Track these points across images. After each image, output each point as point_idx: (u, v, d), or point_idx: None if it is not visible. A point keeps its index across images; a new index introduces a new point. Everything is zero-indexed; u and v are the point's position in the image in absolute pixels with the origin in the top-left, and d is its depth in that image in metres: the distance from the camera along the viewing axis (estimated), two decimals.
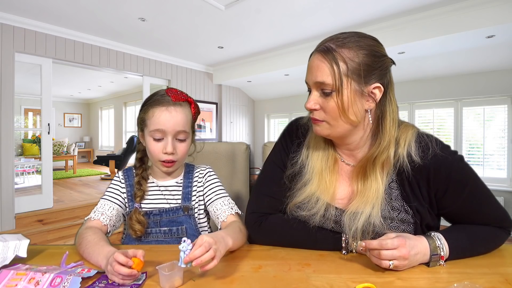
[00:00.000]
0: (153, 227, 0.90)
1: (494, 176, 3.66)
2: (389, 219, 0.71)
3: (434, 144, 0.70)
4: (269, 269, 0.66)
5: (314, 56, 0.70)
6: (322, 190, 0.76)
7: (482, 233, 0.72)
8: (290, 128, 0.89)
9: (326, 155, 0.79)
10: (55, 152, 6.92)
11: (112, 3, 2.86)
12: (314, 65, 0.69)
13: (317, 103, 0.70)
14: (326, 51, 0.67)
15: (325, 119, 0.71)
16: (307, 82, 0.72)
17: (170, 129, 0.85)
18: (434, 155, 0.69)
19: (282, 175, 0.83)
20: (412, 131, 0.73)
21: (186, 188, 0.95)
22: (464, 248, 0.69)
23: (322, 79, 0.67)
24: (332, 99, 0.67)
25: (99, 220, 0.85)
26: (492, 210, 0.73)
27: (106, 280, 0.60)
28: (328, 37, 0.70)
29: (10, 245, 0.68)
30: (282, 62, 4.34)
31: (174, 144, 0.87)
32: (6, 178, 3.06)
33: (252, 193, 0.87)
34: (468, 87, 3.79)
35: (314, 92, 0.70)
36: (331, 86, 0.66)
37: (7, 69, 3.06)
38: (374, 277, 0.61)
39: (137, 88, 7.02)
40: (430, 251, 0.65)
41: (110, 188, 0.94)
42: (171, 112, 0.85)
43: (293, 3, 2.85)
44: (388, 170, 0.73)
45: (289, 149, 0.85)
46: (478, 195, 0.71)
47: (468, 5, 2.73)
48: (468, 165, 0.72)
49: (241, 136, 6.07)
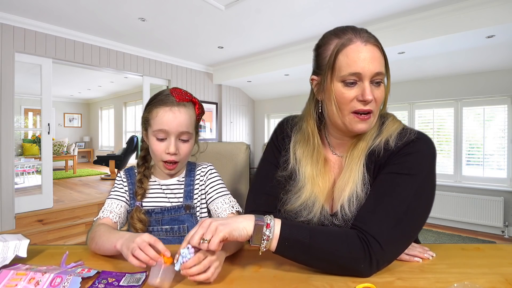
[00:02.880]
0: (154, 225, 0.91)
1: (494, 176, 3.66)
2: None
3: (413, 134, 0.70)
4: (269, 269, 0.66)
5: (367, 46, 0.67)
6: (316, 194, 0.76)
7: (337, 236, 0.62)
8: (280, 126, 0.91)
9: (316, 158, 0.78)
10: (55, 152, 6.92)
11: (112, 3, 2.86)
12: (370, 56, 0.67)
13: (372, 93, 0.68)
14: (376, 42, 0.70)
15: (374, 110, 0.70)
16: (357, 73, 0.67)
17: (174, 129, 0.85)
18: (407, 140, 0.69)
19: (276, 172, 0.84)
20: (398, 125, 0.74)
21: (188, 187, 0.95)
22: (297, 241, 0.60)
23: (381, 69, 0.69)
24: (381, 88, 0.70)
25: (109, 218, 0.87)
26: (389, 219, 0.62)
27: (106, 280, 0.60)
28: (358, 28, 0.71)
29: (10, 245, 0.68)
30: (282, 62, 4.34)
31: (177, 144, 0.87)
32: (6, 178, 3.06)
33: (249, 191, 0.88)
34: (468, 87, 3.79)
35: (367, 83, 0.67)
36: (383, 75, 0.70)
37: (7, 69, 3.06)
38: (374, 277, 0.61)
39: (137, 88, 7.02)
40: (254, 221, 0.61)
41: (114, 188, 0.95)
42: (174, 112, 0.85)
43: (293, 3, 2.85)
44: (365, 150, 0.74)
45: (281, 146, 0.87)
46: (405, 189, 0.64)
47: (468, 5, 2.73)
48: (432, 165, 0.67)
49: (241, 136, 6.06)
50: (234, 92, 5.90)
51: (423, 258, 0.69)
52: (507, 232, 3.48)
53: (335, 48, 0.69)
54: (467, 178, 3.83)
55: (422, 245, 0.74)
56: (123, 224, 0.92)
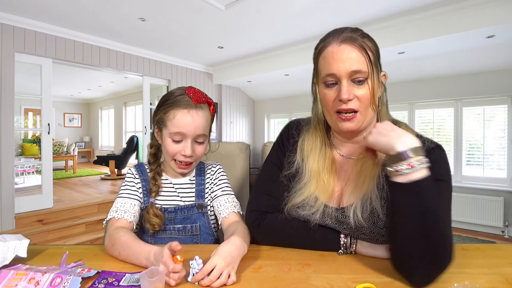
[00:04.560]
0: (167, 224, 0.90)
1: (494, 176, 3.66)
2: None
3: (429, 142, 0.72)
4: (269, 269, 0.66)
5: (341, 46, 0.69)
6: (320, 190, 0.77)
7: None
8: (286, 128, 0.91)
9: (323, 155, 0.80)
10: (55, 152, 6.92)
11: (112, 3, 2.86)
12: (345, 55, 0.69)
13: (352, 92, 0.69)
14: (354, 40, 0.69)
15: (359, 109, 0.71)
16: (333, 74, 0.70)
17: (191, 132, 0.85)
18: (426, 148, 0.69)
19: (280, 174, 0.84)
20: (412, 132, 0.75)
21: (199, 186, 0.95)
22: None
23: (358, 67, 0.68)
24: (365, 87, 0.70)
25: (124, 219, 0.84)
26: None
27: (106, 279, 0.60)
28: (340, 29, 0.72)
29: (10, 245, 0.68)
30: (282, 62, 4.34)
31: (193, 146, 0.87)
32: (6, 178, 3.06)
33: (252, 192, 0.88)
34: (468, 87, 3.79)
35: (346, 82, 0.69)
36: (366, 73, 0.69)
37: (7, 69, 3.06)
38: (374, 277, 0.61)
39: (137, 88, 7.02)
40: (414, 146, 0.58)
41: (126, 185, 0.92)
42: (193, 115, 0.84)
43: (293, 3, 2.85)
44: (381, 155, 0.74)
45: (286, 148, 0.87)
46: (445, 193, 0.67)
47: (468, 5, 2.73)
48: (447, 173, 0.70)
49: (241, 136, 6.07)
50: (234, 92, 5.90)
51: None
52: (507, 232, 3.49)
53: (316, 51, 0.75)
54: (467, 178, 3.83)
55: None
56: (137, 222, 0.89)
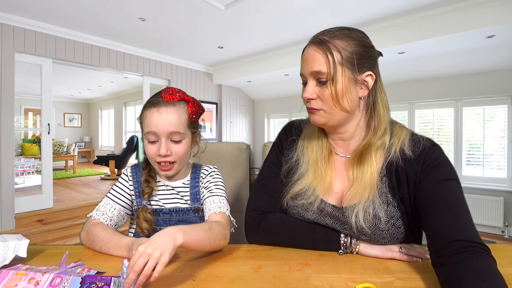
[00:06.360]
0: (162, 225, 0.89)
1: (494, 176, 3.66)
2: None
3: (425, 140, 0.73)
4: (269, 269, 0.66)
5: (309, 48, 0.73)
6: (318, 180, 0.78)
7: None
8: (284, 128, 0.92)
9: (321, 146, 0.81)
10: (55, 152, 6.92)
11: (112, 3, 2.86)
12: (309, 56, 0.72)
13: (313, 92, 0.72)
14: (320, 42, 0.71)
15: (322, 108, 0.73)
16: (302, 74, 0.75)
17: (162, 130, 0.82)
18: (424, 147, 0.71)
19: (279, 173, 0.85)
20: (406, 131, 0.76)
21: (193, 189, 0.94)
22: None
23: (318, 68, 0.70)
24: (328, 87, 0.70)
25: (100, 221, 0.85)
26: (465, 225, 0.61)
27: (95, 284, 0.59)
28: (320, 32, 0.74)
29: (10, 245, 0.68)
30: (282, 62, 4.33)
31: (168, 145, 0.84)
32: (6, 178, 3.06)
33: (251, 192, 0.88)
34: (468, 87, 3.79)
35: (310, 82, 0.73)
36: (326, 74, 0.69)
37: (7, 69, 3.06)
38: (374, 277, 0.61)
39: (137, 88, 7.02)
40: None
41: (115, 187, 0.92)
42: (161, 113, 0.83)
43: (293, 3, 2.85)
44: (380, 159, 0.74)
45: (284, 147, 0.88)
46: (453, 195, 0.65)
47: (468, 5, 2.73)
48: (454, 172, 0.69)
49: (241, 136, 6.07)
50: (234, 92, 5.90)
51: (423, 258, 0.70)
52: (507, 232, 3.48)
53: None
54: (467, 178, 3.83)
55: (422, 245, 0.75)
56: (117, 225, 0.89)
